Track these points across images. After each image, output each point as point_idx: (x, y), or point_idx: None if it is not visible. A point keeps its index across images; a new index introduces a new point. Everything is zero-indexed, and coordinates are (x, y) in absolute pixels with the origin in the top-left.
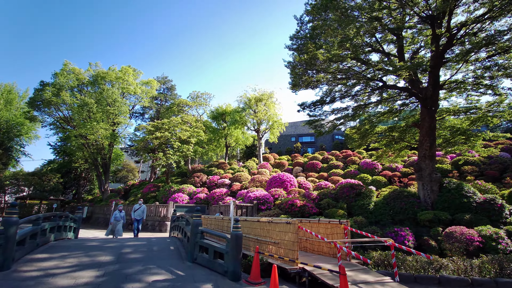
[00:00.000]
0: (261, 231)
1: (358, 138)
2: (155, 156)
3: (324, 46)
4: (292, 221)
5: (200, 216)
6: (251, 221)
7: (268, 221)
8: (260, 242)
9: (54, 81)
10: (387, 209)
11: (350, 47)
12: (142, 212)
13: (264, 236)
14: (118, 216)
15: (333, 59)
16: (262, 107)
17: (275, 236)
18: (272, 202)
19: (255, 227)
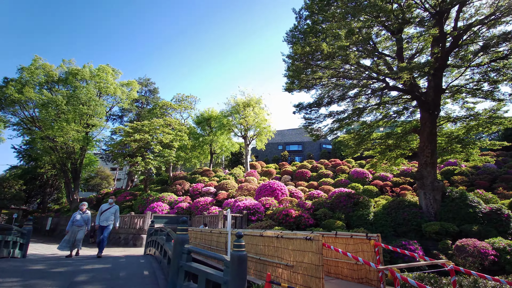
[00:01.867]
0: (265, 249)
1: (354, 144)
2: (132, 161)
3: (328, 39)
4: (314, 236)
5: (186, 229)
6: (250, 235)
7: (276, 235)
8: (264, 263)
9: (19, 76)
10: (389, 220)
11: (357, 38)
12: (113, 216)
13: (271, 255)
14: (79, 220)
15: (337, 53)
16: (251, 112)
17: (288, 257)
18: (263, 212)
19: (257, 244)
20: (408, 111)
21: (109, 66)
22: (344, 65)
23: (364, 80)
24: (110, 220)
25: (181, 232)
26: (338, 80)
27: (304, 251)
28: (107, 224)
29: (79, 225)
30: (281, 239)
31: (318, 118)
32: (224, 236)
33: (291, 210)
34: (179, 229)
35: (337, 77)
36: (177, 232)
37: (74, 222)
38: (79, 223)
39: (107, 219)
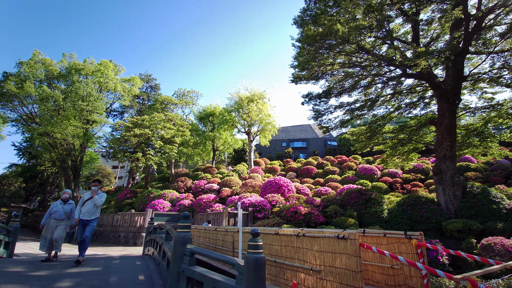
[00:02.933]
0: (282, 250)
1: (365, 138)
2: (133, 157)
3: (342, 20)
4: (349, 234)
5: (189, 226)
6: (263, 233)
7: (296, 234)
8: (281, 267)
9: (18, 70)
10: (404, 218)
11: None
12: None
13: (289, 257)
14: (58, 212)
15: (352, 35)
16: (254, 107)
17: (312, 259)
18: (269, 209)
19: (271, 243)
20: (423, 101)
21: (111, 62)
22: (358, 52)
23: (378, 68)
24: (94, 214)
25: (183, 230)
26: (351, 68)
27: (335, 252)
28: (89, 218)
29: (58, 218)
30: (303, 238)
31: (328, 109)
32: (231, 234)
33: (300, 207)
34: (180, 226)
35: (350, 65)
36: (178, 229)
37: (51, 215)
38: (58, 216)
39: (90, 212)
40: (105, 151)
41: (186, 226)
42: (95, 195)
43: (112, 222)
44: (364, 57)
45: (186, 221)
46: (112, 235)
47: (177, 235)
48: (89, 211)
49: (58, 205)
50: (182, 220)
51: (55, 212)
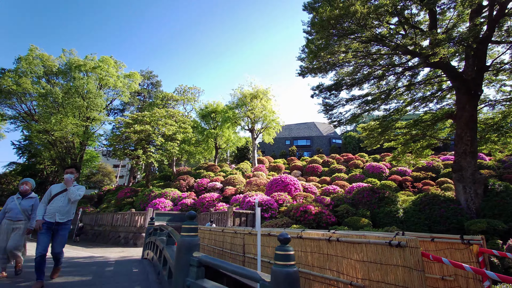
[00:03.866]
0: (308, 257)
1: (376, 134)
2: (133, 154)
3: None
4: (407, 241)
5: (195, 229)
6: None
7: (328, 238)
8: (307, 278)
9: (16, 66)
10: (422, 217)
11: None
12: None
13: (318, 266)
14: (14, 209)
15: (370, 17)
16: (258, 104)
17: (352, 271)
18: (276, 208)
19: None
20: (439, 94)
21: (112, 58)
22: (374, 39)
23: (393, 57)
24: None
25: (188, 234)
26: (364, 58)
27: (386, 264)
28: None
29: (13, 218)
30: (336, 244)
31: (339, 102)
32: (241, 237)
33: (310, 206)
34: (185, 228)
35: (364, 54)
36: (182, 233)
37: (6, 213)
38: (13, 215)
39: (62, 211)
40: (106, 150)
41: (192, 228)
42: (70, 186)
43: (112, 221)
44: (380, 45)
45: (192, 223)
46: (112, 235)
47: (182, 240)
48: (60, 209)
49: (15, 200)
50: (188, 222)
51: (10, 209)
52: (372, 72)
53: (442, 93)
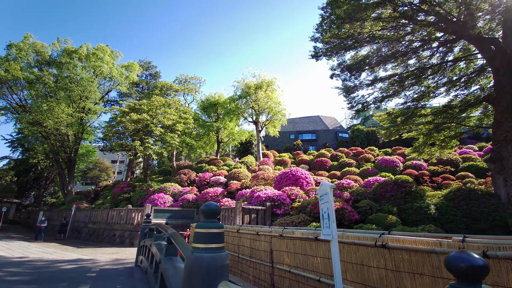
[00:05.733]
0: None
1: (400, 122)
2: (130, 145)
3: None
4: None
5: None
6: (357, 244)
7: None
8: None
9: (6, 53)
10: (458, 214)
11: None
12: None
13: None
14: None
15: None
16: (263, 95)
17: None
18: (289, 204)
19: (380, 265)
20: (472, 76)
21: (108, 47)
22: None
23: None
24: None
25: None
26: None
27: None
28: None
29: None
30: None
31: (361, 84)
32: (267, 240)
33: None
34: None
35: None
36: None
37: None
38: None
39: None
40: (103, 145)
41: (215, 235)
42: None
43: (107, 219)
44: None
45: (214, 224)
46: (106, 234)
47: (196, 259)
48: None
49: None
50: (206, 222)
51: None
52: (399, 50)
53: (473, 76)
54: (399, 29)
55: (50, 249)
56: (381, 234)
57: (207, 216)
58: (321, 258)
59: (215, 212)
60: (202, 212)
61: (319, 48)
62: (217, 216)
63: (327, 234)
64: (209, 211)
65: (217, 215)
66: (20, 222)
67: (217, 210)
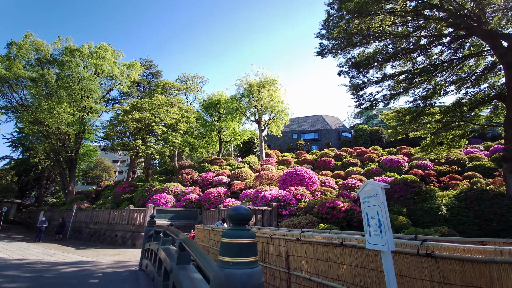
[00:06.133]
0: None
1: (408, 121)
2: (131, 145)
3: None
4: None
5: (253, 246)
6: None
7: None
8: None
9: (7, 51)
10: (471, 215)
11: None
12: None
13: None
14: None
15: None
16: (266, 93)
17: None
18: (295, 204)
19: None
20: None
21: (110, 46)
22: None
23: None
24: None
25: (239, 259)
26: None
27: None
28: None
29: None
30: None
31: (368, 81)
32: (283, 244)
33: (338, 201)
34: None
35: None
36: (225, 256)
37: None
38: None
39: None
40: (104, 144)
41: (248, 247)
42: None
43: (109, 219)
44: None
45: (245, 233)
46: (108, 234)
47: (227, 278)
48: None
49: None
50: (235, 230)
51: None
52: (409, 46)
53: (484, 73)
54: (409, 24)
55: (50, 251)
56: (423, 241)
57: (237, 222)
58: (347, 266)
59: (246, 217)
60: (231, 217)
61: (325, 45)
62: (248, 222)
63: (376, 243)
64: (240, 217)
65: (248, 221)
66: (21, 222)
67: (249, 215)
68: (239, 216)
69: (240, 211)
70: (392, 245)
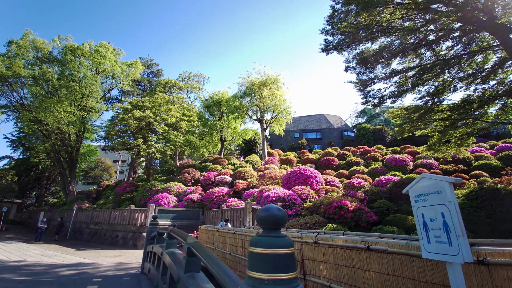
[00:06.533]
0: None
1: (416, 117)
2: (132, 144)
3: None
4: None
5: (291, 259)
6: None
7: None
8: None
9: (7, 50)
10: (482, 215)
11: None
12: None
13: None
14: None
15: None
16: (268, 92)
17: None
18: (300, 204)
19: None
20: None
21: (110, 44)
22: None
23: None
24: None
25: (273, 278)
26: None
27: None
28: None
29: None
30: None
31: (374, 79)
32: (295, 248)
33: (345, 201)
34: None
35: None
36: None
37: None
38: None
39: None
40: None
41: (286, 259)
42: None
43: (109, 219)
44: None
45: (282, 241)
46: (109, 235)
47: None
48: None
49: None
50: (269, 237)
51: None
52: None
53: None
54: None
55: (50, 252)
56: (471, 245)
57: (269, 226)
58: (376, 273)
59: (281, 220)
60: (261, 220)
61: (330, 41)
62: (283, 226)
63: (441, 252)
64: (273, 219)
65: (283, 224)
66: (21, 223)
67: (284, 217)
68: (272, 218)
69: (273, 211)
70: (468, 255)
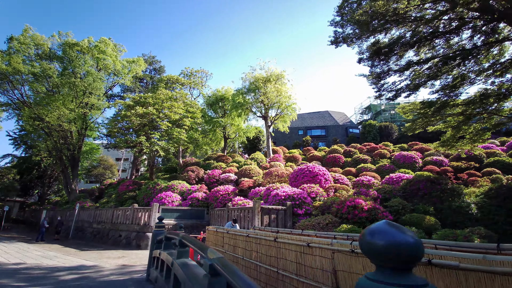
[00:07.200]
0: None
1: (431, 112)
2: (135, 141)
3: None
4: None
5: None
6: None
7: None
8: None
9: (8, 46)
10: (503, 215)
11: None
12: None
13: None
14: None
15: None
16: (273, 88)
17: None
18: (310, 203)
19: None
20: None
21: (111, 40)
22: None
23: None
24: None
25: None
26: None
27: None
28: None
29: None
30: None
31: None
32: (326, 256)
33: (359, 200)
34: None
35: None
36: None
37: None
38: None
39: None
40: (107, 142)
41: None
42: None
43: (112, 218)
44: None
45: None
46: (111, 235)
47: None
48: None
49: None
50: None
51: None
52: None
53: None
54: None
55: (50, 253)
56: None
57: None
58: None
59: (416, 255)
60: (381, 256)
61: (340, 33)
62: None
63: None
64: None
65: (417, 263)
66: (24, 221)
67: (420, 251)
68: (401, 253)
69: (398, 239)
70: None
